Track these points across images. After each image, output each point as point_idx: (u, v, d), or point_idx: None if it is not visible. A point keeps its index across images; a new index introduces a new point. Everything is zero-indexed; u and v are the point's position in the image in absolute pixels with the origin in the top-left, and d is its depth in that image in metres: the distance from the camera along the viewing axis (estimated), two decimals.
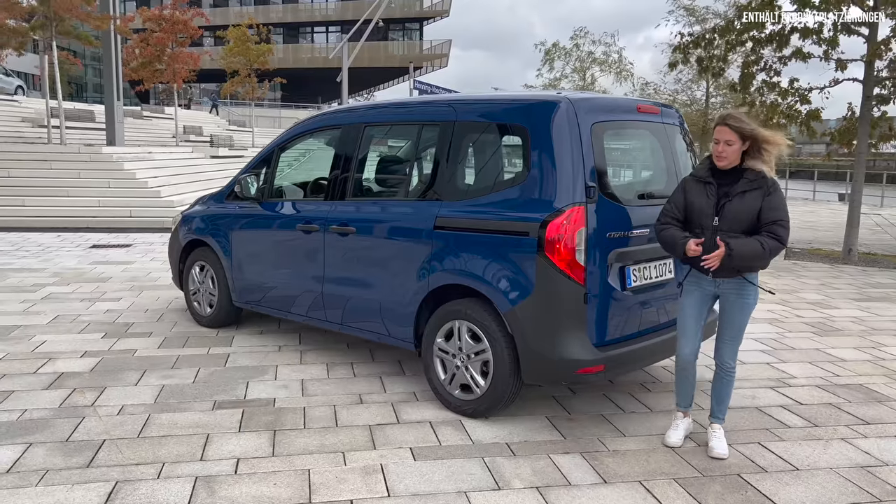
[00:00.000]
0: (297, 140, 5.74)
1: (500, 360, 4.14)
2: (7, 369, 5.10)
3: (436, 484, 3.53)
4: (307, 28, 66.93)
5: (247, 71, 33.07)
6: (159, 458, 3.74)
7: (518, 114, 4.23)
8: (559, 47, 34.64)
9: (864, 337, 6.61)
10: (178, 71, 27.26)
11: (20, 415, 4.27)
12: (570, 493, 3.48)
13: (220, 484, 3.48)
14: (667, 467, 3.78)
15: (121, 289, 7.95)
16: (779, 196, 3.71)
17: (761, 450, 4.03)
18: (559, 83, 34.92)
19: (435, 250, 4.45)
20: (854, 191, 11.87)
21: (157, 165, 16.65)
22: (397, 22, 61.45)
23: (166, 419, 4.26)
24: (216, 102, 48.61)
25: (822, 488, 3.58)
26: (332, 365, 5.35)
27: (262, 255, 5.65)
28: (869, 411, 4.68)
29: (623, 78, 33.65)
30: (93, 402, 4.51)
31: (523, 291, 4.01)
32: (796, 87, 12.51)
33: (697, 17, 26.34)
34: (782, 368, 5.56)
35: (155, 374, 5.07)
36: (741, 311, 3.85)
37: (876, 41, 11.36)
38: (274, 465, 3.71)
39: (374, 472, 3.63)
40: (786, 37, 12.22)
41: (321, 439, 4.03)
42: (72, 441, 3.92)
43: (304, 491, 3.43)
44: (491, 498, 3.40)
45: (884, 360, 5.89)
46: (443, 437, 4.09)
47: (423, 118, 4.82)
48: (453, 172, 4.49)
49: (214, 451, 3.85)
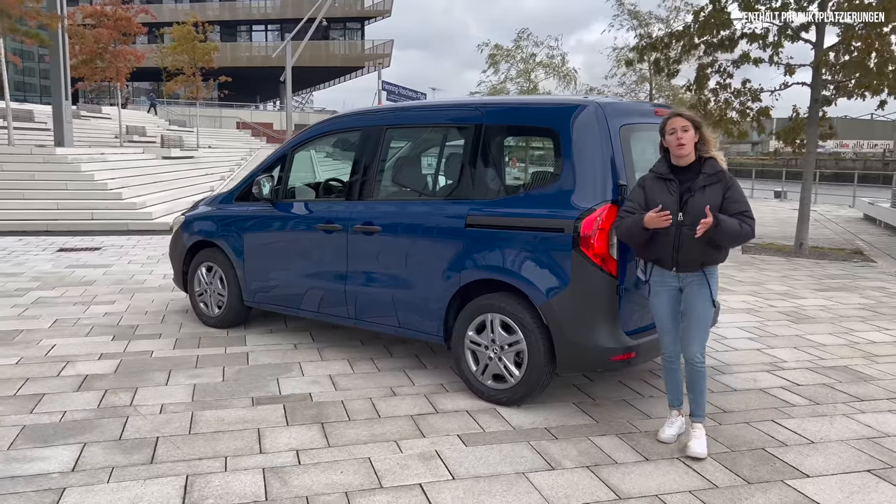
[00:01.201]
0: (313, 142, 5.86)
1: (534, 350, 4.39)
2: (28, 373, 5.07)
3: (493, 466, 3.74)
4: (245, 26, 65.95)
5: (192, 70, 32.42)
6: (219, 452, 3.85)
7: (549, 117, 4.48)
8: (503, 49, 35.01)
9: (835, 323, 7.12)
10: (121, 69, 26.61)
11: (61, 416, 4.29)
12: (619, 470, 3.74)
13: (288, 474, 3.61)
14: None
15: (109, 292, 7.87)
16: (738, 189, 3.85)
17: (776, 427, 4.38)
18: (504, 86, 35.39)
19: (466, 247, 4.66)
20: (804, 188, 12.58)
21: (113, 167, 16.28)
22: (338, 21, 61.14)
23: (211, 416, 4.35)
24: (154, 101, 47.46)
25: (840, 458, 3.95)
26: (353, 361, 5.50)
27: (278, 254, 5.75)
28: (859, 390, 5.11)
29: (567, 82, 34.25)
30: (130, 402, 4.55)
31: (559, 285, 4.26)
32: (748, 87, 13.20)
33: (641, 22, 27.22)
34: (772, 353, 5.98)
35: (181, 374, 5.12)
36: (704, 305, 3.91)
37: (822, 48, 12.08)
38: (333, 454, 3.85)
39: (432, 458, 3.82)
40: (735, 41, 12.89)
41: (370, 430, 4.19)
42: (125, 440, 3.98)
43: (372, 477, 3.60)
44: (548, 477, 3.64)
45: (858, 343, 6.38)
46: (484, 424, 4.30)
47: (449, 120, 5.02)
48: (483, 172, 4.71)
49: (270, 443, 3.97)
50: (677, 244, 3.85)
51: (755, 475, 3.72)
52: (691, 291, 3.94)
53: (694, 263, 3.87)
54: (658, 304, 4.04)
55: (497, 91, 34.15)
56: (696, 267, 3.89)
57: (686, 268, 3.90)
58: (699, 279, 3.91)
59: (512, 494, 3.45)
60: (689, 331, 3.96)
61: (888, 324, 7.14)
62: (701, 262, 3.87)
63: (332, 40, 63.19)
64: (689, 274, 3.92)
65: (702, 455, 3.89)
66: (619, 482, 3.61)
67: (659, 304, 4.04)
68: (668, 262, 3.92)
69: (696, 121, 3.86)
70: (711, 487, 3.58)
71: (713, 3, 13.00)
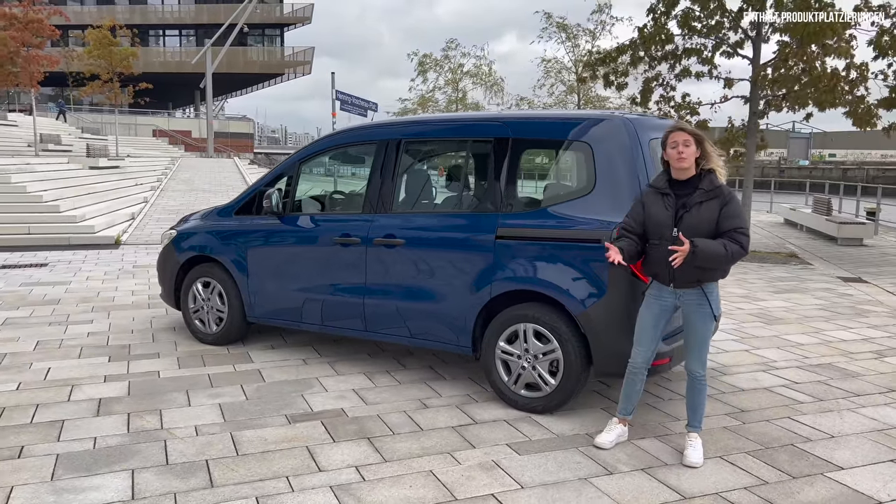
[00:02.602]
0: (322, 155, 5.81)
1: (570, 358, 4.51)
2: (35, 399, 4.82)
3: (555, 473, 3.84)
4: (158, 31, 63.75)
5: (109, 75, 31.11)
6: (277, 472, 3.78)
7: (581, 131, 4.63)
8: (431, 58, 35.22)
9: (803, 324, 7.57)
10: (35, 74, 25.30)
11: (93, 443, 4.11)
12: (672, 471, 3.90)
13: (358, 490, 3.60)
14: (731, 443, 4.30)
15: (81, 311, 7.51)
16: (735, 204, 3.85)
17: (794, 423, 4.66)
18: (433, 95, 35.60)
19: (497, 259, 4.74)
20: (745, 196, 13.28)
21: (42, 178, 15.47)
22: (257, 27, 59.94)
23: (252, 436, 4.26)
24: (63, 108, 45.28)
25: (862, 450, 4.24)
26: (370, 374, 5.47)
27: (288, 268, 5.66)
28: (852, 385, 5.48)
29: (494, 92, 34.71)
30: (160, 425, 4.40)
31: (596, 294, 4.40)
32: (688, 101, 13.87)
33: (569, 35, 28.02)
34: (760, 354, 6.32)
35: (200, 394, 4.98)
36: (703, 321, 3.96)
37: (759, 64, 12.82)
38: (394, 469, 3.86)
39: (493, 468, 3.88)
40: (679, 56, 13.54)
41: (418, 443, 4.21)
42: (173, 464, 3.86)
43: (443, 490, 3.62)
44: (610, 482, 3.76)
45: (831, 342, 6.82)
46: (527, 432, 4.39)
47: (473, 134, 5.10)
48: (512, 185, 4.81)
49: (326, 461, 3.93)
50: (668, 259, 3.84)
51: (796, 469, 3.95)
52: (690, 309, 3.98)
53: (690, 280, 3.91)
54: (645, 314, 4.11)
55: (426, 100, 34.38)
56: (694, 284, 3.92)
57: (683, 284, 3.93)
58: (698, 296, 3.94)
59: (585, 499, 3.56)
60: (690, 346, 4.05)
61: (849, 323, 7.65)
62: (697, 278, 3.90)
63: (250, 46, 61.91)
64: (688, 291, 3.95)
65: (698, 464, 3.96)
66: (677, 483, 3.77)
67: (645, 314, 4.10)
68: (665, 278, 3.98)
69: (697, 135, 3.89)
70: (762, 483, 3.78)
71: (655, 20, 13.61)
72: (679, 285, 3.95)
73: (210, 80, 43.55)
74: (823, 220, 16.51)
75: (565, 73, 29.02)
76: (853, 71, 12.00)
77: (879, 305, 8.66)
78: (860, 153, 69.12)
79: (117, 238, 13.06)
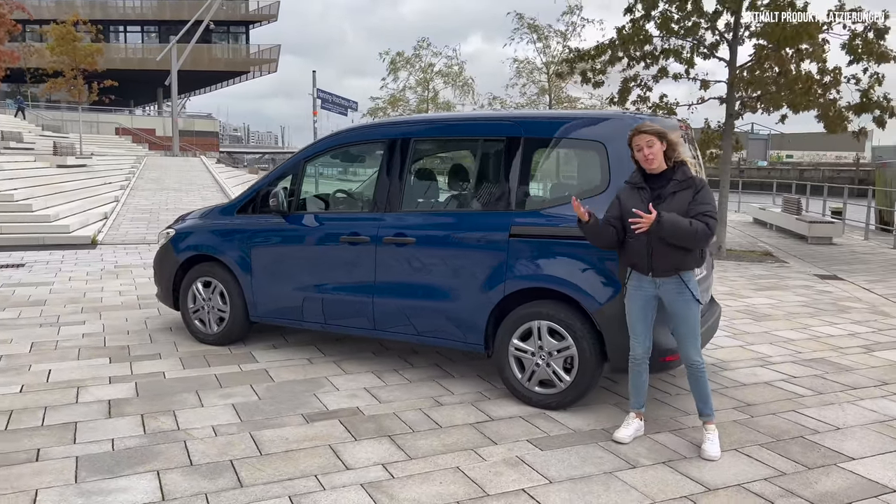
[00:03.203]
0: (328, 153, 5.78)
1: (585, 354, 4.57)
2: (41, 401, 4.72)
3: (579, 468, 3.89)
4: (118, 27, 62.51)
5: (72, 72, 30.41)
6: (305, 471, 3.77)
7: (594, 130, 4.69)
8: (403, 57, 35.18)
9: (790, 320, 7.77)
10: None
11: (112, 445, 4.05)
12: (692, 464, 3.99)
13: (389, 487, 3.61)
14: (743, 436, 4.41)
15: (71, 312, 7.37)
16: (706, 192, 3.99)
17: (800, 416, 4.79)
18: (404, 94, 35.58)
19: (510, 257, 4.78)
20: (721, 195, 13.53)
21: (10, 176, 15.10)
22: (222, 24, 59.15)
23: (272, 435, 4.24)
24: (22, 105, 44.11)
25: (869, 441, 4.38)
26: (378, 373, 5.47)
27: (293, 268, 5.63)
28: (847, 379, 5.65)
29: (465, 92, 34.81)
30: (176, 426, 4.35)
31: (612, 291, 4.47)
32: (665, 101, 14.10)
33: (540, 35, 28.24)
34: (754, 350, 6.47)
35: (211, 394, 4.93)
36: (687, 308, 4.07)
37: (735, 66, 13.08)
38: (420, 466, 3.87)
39: (519, 464, 3.92)
40: (657, 57, 13.74)
41: (440, 440, 4.23)
42: (197, 465, 3.82)
43: (473, 486, 3.65)
44: (635, 475, 3.83)
45: (820, 337, 7.01)
46: (545, 429, 4.44)
47: (485, 133, 5.14)
48: (525, 184, 4.85)
49: (351, 459, 3.93)
50: (650, 249, 4.02)
51: (810, 461, 4.07)
52: (671, 299, 4.09)
53: (667, 268, 4.03)
54: (631, 307, 4.21)
55: (397, 99, 34.37)
56: (671, 272, 4.05)
57: (661, 273, 4.06)
58: (677, 284, 4.07)
59: (614, 493, 3.62)
60: (680, 335, 4.15)
61: (833, 318, 7.87)
62: (674, 266, 4.03)
63: (215, 44, 61.06)
64: (666, 280, 4.08)
65: (716, 457, 4.02)
66: (699, 475, 3.85)
67: (632, 307, 4.21)
68: (643, 268, 4.10)
69: (658, 132, 4.02)
70: (780, 474, 3.89)
71: (633, 22, 13.81)
72: (657, 274, 4.07)
73: (175, 77, 42.87)
74: (794, 219, 16.92)
75: (537, 74, 29.27)
76: (826, 75, 12.30)
77: (858, 302, 8.92)
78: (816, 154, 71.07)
79: (93, 238, 12.80)
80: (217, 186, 23.53)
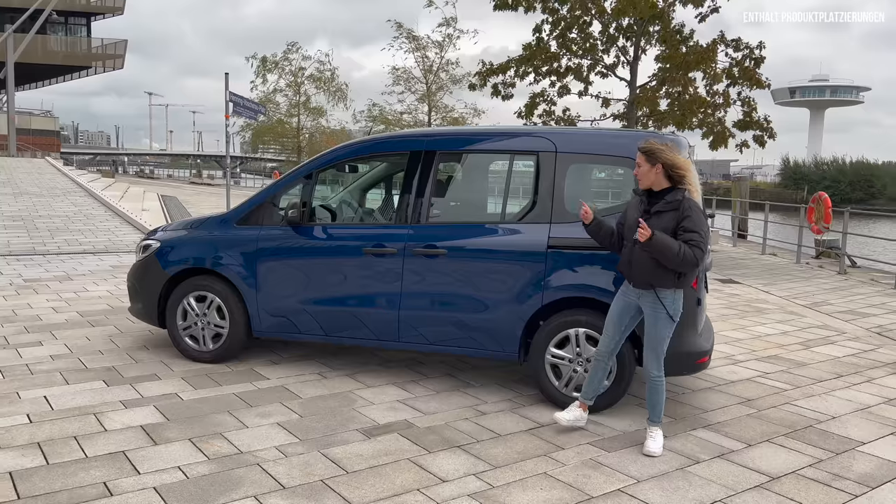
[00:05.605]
0: (343, 163, 5.69)
1: (623, 360, 4.85)
2: (63, 431, 4.32)
3: (654, 466, 4.16)
4: None
5: None
6: (406, 486, 3.77)
7: (626, 148, 4.99)
8: (272, 60, 34.47)
9: (726, 321, 8.51)
10: None
11: (181, 473, 3.82)
12: (741, 456, 4.37)
13: (497, 497, 3.69)
14: (766, 428, 4.86)
15: (14, 332, 6.68)
16: (693, 220, 4.12)
17: (797, 407, 5.34)
18: (274, 96, 34.85)
19: (549, 268, 4.98)
20: None
21: None
22: (60, 14, 54.59)
23: (343, 452, 4.17)
24: None
25: (867, 426, 4.98)
26: (399, 385, 5.46)
27: (308, 280, 5.49)
28: (810, 373, 6.32)
29: (338, 99, 34.64)
30: (236, 449, 4.15)
31: None
32: (567, 115, 14.90)
33: (418, 45, 28.71)
34: (717, 349, 7.05)
35: (247, 414, 4.73)
36: (655, 324, 4.31)
37: (635, 86, 14.09)
38: (511, 474, 3.97)
39: (598, 466, 4.12)
40: (563, 74, 14.52)
41: (511, 448, 4.34)
42: (290, 487, 3.71)
43: (572, 490, 3.81)
44: (704, 469, 4.15)
45: (761, 336, 7.75)
46: (597, 431, 4.67)
47: (517, 148, 5.30)
48: (560, 197, 5.06)
49: (440, 470, 3.97)
50: (630, 259, 4.38)
51: (833, 447, 4.58)
52: (647, 311, 4.35)
53: (643, 280, 4.27)
54: (613, 308, 4.52)
55: (267, 100, 33.62)
56: (646, 286, 4.27)
57: (637, 284, 4.32)
58: (652, 300, 4.30)
59: (697, 487, 3.91)
60: (646, 346, 4.40)
61: (759, 319, 8.72)
62: (649, 281, 4.24)
63: (51, 35, 56.29)
64: (644, 293, 4.32)
65: (656, 453, 4.29)
66: (757, 466, 4.23)
67: (613, 308, 4.52)
68: (627, 276, 4.47)
69: (645, 151, 4.24)
70: (819, 460, 4.35)
71: (538, 40, 14.51)
72: (636, 285, 4.35)
73: (11, 69, 39.14)
74: None
75: (413, 83, 29.69)
76: (717, 97, 13.57)
77: (767, 304, 9.90)
78: None
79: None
80: (83, 191, 21.79)
